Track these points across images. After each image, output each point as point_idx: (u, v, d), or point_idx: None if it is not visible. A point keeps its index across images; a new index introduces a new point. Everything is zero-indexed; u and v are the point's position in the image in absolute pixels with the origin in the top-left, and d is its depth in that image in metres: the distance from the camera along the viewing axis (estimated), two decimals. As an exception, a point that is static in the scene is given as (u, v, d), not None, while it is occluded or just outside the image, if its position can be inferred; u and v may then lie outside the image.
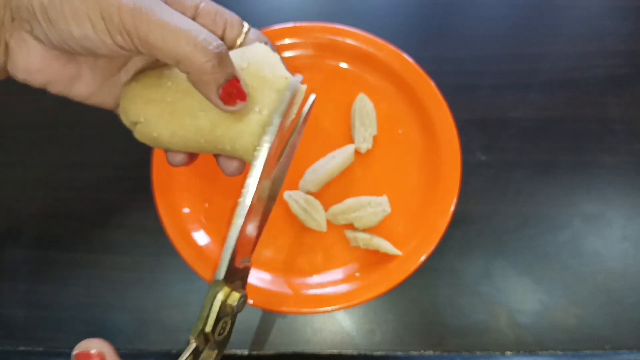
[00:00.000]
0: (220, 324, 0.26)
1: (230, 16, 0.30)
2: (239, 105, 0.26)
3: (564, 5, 0.52)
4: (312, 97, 0.31)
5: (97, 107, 0.32)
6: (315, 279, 0.41)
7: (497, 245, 0.43)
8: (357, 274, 0.41)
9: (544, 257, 0.43)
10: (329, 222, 0.42)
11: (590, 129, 0.47)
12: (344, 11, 0.52)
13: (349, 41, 0.46)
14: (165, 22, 0.24)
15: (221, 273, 0.25)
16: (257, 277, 0.41)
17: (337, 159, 0.42)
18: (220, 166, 0.32)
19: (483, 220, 0.44)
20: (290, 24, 0.47)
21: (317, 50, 0.47)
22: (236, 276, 0.26)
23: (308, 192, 0.42)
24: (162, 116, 0.29)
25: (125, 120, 0.30)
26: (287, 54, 0.47)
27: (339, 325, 0.41)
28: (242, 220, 0.25)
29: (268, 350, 0.40)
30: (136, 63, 0.31)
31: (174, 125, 0.29)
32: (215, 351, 0.26)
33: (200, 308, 0.25)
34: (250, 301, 0.39)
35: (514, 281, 0.42)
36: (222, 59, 0.25)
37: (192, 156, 0.32)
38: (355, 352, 0.40)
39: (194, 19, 0.29)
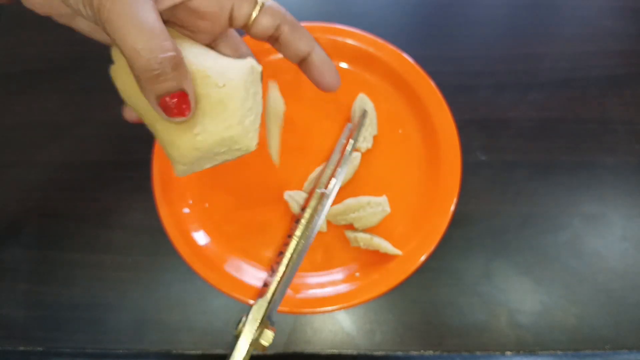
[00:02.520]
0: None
1: None
2: (179, 119, 0.26)
3: (564, 5, 0.52)
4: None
5: (101, 42, 0.31)
6: (316, 279, 0.41)
7: (497, 245, 0.43)
8: (357, 274, 0.41)
9: (544, 257, 0.43)
10: (329, 222, 0.42)
11: (590, 129, 0.47)
12: (344, 11, 0.52)
13: (349, 41, 0.46)
14: (125, 15, 0.23)
15: (259, 317, 0.25)
16: (257, 278, 0.41)
17: (348, 171, 0.42)
18: None
19: (483, 220, 0.44)
20: (290, 24, 0.46)
21: (317, 50, 0.47)
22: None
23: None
24: (129, 73, 0.28)
25: (113, 52, 0.30)
26: (287, 54, 0.47)
27: (339, 325, 0.41)
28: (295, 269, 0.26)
29: (268, 350, 0.40)
30: None
31: (132, 88, 0.28)
32: None
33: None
34: (251, 302, 0.39)
35: (514, 281, 0.42)
36: (163, 73, 0.24)
37: None
38: (355, 352, 0.40)
39: None
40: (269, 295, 0.25)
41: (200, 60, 0.27)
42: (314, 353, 0.40)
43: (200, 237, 0.42)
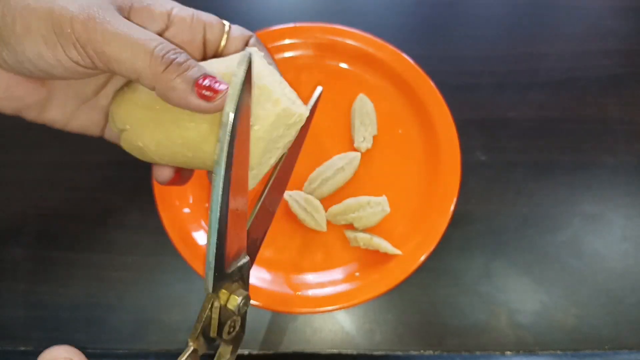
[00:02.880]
0: (228, 324, 0.25)
1: (208, 18, 0.28)
2: (221, 95, 0.24)
3: (564, 5, 0.52)
4: (319, 90, 0.30)
5: (81, 134, 0.30)
6: (315, 278, 0.41)
7: (497, 245, 0.43)
8: (357, 274, 0.41)
9: (544, 257, 0.43)
10: (329, 222, 0.42)
11: (590, 129, 0.47)
12: (344, 11, 0.52)
13: (349, 41, 0.46)
14: (120, 33, 0.23)
15: (209, 287, 0.24)
16: (257, 277, 0.41)
17: (347, 171, 0.42)
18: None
19: (483, 220, 0.44)
20: (291, 25, 0.47)
21: (317, 50, 0.47)
22: (232, 278, 0.26)
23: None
24: (149, 124, 0.27)
25: (113, 126, 0.29)
26: (287, 54, 0.47)
27: (339, 325, 0.41)
28: (216, 230, 0.23)
29: (268, 350, 0.40)
30: (115, 84, 0.30)
31: (160, 135, 0.27)
32: (231, 346, 0.26)
33: (199, 310, 0.25)
34: (252, 301, 0.39)
35: (514, 281, 0.42)
36: (181, 64, 0.24)
37: (181, 175, 0.31)
38: (355, 352, 0.40)
39: (167, 28, 0.27)
40: (206, 271, 0.24)
41: (208, 69, 0.27)
42: (314, 352, 0.40)
43: (200, 237, 0.42)
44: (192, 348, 0.24)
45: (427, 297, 0.42)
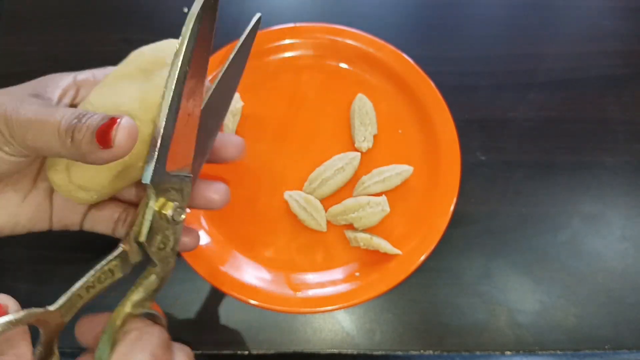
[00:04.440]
0: (159, 236, 0.26)
1: (105, 72, 0.30)
2: (120, 133, 0.23)
3: (564, 5, 0.52)
4: (257, 15, 0.31)
5: (31, 232, 0.30)
6: (315, 278, 0.41)
7: (497, 245, 0.43)
8: (357, 274, 0.41)
9: (544, 257, 0.43)
10: (329, 222, 0.42)
11: (590, 129, 0.47)
12: (344, 12, 0.52)
13: (349, 41, 0.46)
14: (30, 117, 0.23)
15: (147, 176, 0.24)
16: (257, 277, 0.41)
17: (347, 171, 0.42)
18: None
19: (483, 220, 0.44)
20: (291, 25, 0.47)
21: (317, 50, 0.47)
22: (172, 186, 0.26)
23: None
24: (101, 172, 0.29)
25: (65, 186, 0.29)
26: (288, 54, 0.47)
27: (339, 325, 0.41)
28: (164, 120, 0.24)
29: (268, 350, 0.40)
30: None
31: (101, 179, 0.29)
32: (157, 267, 0.27)
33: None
34: (252, 301, 0.39)
35: (514, 281, 0.42)
36: (80, 125, 0.23)
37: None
38: (355, 352, 0.40)
39: (77, 91, 0.29)
40: (148, 159, 0.24)
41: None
42: (314, 352, 0.40)
43: (201, 237, 0.42)
44: (120, 249, 0.26)
45: (427, 297, 0.42)
